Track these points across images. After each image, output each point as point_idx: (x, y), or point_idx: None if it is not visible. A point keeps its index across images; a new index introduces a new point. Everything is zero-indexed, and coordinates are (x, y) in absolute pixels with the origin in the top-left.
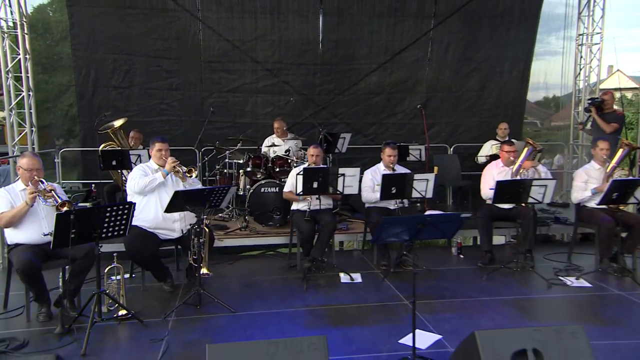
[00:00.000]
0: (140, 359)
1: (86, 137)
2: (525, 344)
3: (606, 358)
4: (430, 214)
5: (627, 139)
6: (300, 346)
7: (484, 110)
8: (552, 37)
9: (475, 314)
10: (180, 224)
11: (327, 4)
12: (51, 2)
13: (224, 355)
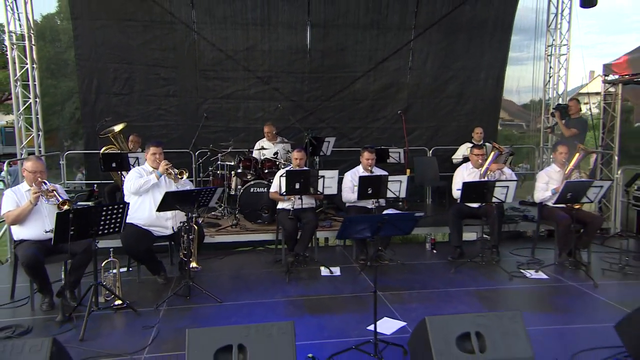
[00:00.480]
0: (132, 343)
1: (89, 141)
2: (469, 327)
3: (553, 341)
4: (387, 213)
5: (582, 144)
6: (270, 330)
7: (461, 115)
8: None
9: (441, 303)
10: (172, 222)
11: (314, 17)
12: (59, 11)
13: (202, 338)
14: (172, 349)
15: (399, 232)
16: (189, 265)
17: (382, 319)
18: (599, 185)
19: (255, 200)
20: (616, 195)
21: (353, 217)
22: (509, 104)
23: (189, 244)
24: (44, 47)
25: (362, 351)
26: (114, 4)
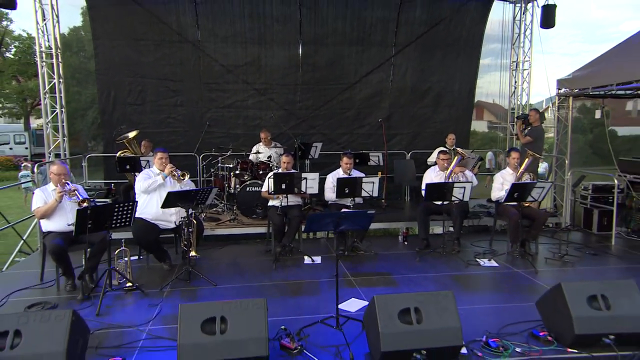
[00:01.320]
0: (139, 318)
1: (107, 145)
2: (409, 304)
3: (489, 316)
4: (344, 211)
5: (531, 151)
6: (247, 306)
7: (437, 122)
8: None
9: (402, 286)
10: (175, 217)
11: (305, 35)
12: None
13: (192, 311)
14: (171, 322)
15: (357, 226)
16: (189, 254)
17: (350, 300)
18: (541, 186)
19: (251, 198)
20: (566, 194)
21: (316, 214)
22: (497, 108)
23: (189, 235)
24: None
25: (327, 324)
26: (129, 26)
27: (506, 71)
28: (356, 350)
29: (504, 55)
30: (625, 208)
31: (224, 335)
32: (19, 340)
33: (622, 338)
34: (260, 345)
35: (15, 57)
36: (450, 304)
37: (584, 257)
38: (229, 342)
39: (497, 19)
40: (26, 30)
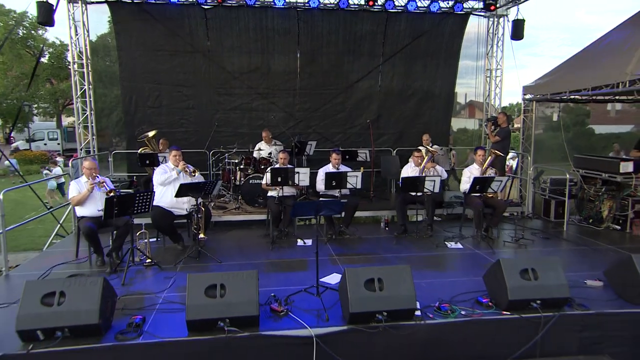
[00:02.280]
0: (156, 287)
1: (130, 142)
2: (373, 275)
3: (445, 288)
4: (321, 200)
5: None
6: (242, 276)
7: (420, 123)
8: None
9: (377, 264)
10: (187, 205)
11: (302, 47)
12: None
13: (197, 280)
14: (183, 291)
15: (332, 212)
16: (199, 236)
17: (332, 274)
18: (499, 179)
19: (253, 190)
20: (529, 186)
21: (299, 202)
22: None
23: (198, 221)
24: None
25: (309, 293)
26: (148, 39)
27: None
28: (332, 313)
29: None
30: (578, 199)
31: (223, 299)
32: (63, 299)
33: (546, 303)
34: (252, 306)
35: (49, 62)
36: (407, 276)
37: (537, 240)
38: (227, 304)
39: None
40: (59, 38)
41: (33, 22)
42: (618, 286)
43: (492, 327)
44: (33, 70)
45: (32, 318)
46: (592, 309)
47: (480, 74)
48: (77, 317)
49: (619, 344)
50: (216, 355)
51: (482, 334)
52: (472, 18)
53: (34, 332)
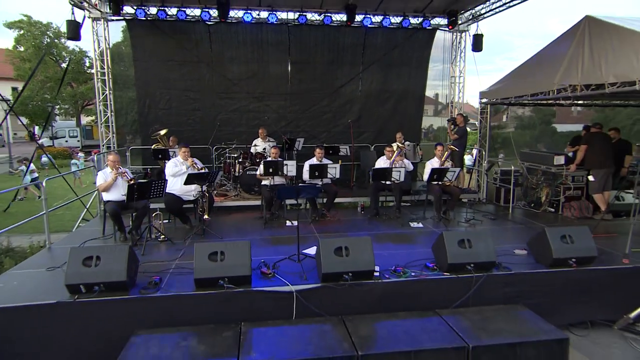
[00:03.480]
0: (169, 257)
1: (144, 139)
2: (341, 244)
3: (402, 257)
4: (300, 185)
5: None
6: (238, 245)
7: (395, 123)
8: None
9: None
10: (194, 192)
11: (293, 57)
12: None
13: (202, 248)
14: (190, 259)
15: (310, 195)
16: (203, 217)
17: (312, 247)
18: (453, 170)
19: (250, 180)
20: (483, 176)
21: (283, 187)
22: (467, 107)
23: (203, 204)
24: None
25: (292, 260)
26: (160, 51)
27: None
28: (309, 275)
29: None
30: (523, 187)
31: (223, 262)
32: (99, 262)
33: (478, 265)
34: (245, 268)
35: (70, 68)
36: (368, 245)
37: (486, 221)
38: (226, 266)
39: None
40: (78, 46)
41: (56, 32)
42: (536, 253)
43: (435, 285)
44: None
45: (76, 275)
46: (513, 270)
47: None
48: (109, 275)
49: (531, 296)
50: (217, 306)
51: (427, 290)
52: (439, 32)
53: (78, 286)
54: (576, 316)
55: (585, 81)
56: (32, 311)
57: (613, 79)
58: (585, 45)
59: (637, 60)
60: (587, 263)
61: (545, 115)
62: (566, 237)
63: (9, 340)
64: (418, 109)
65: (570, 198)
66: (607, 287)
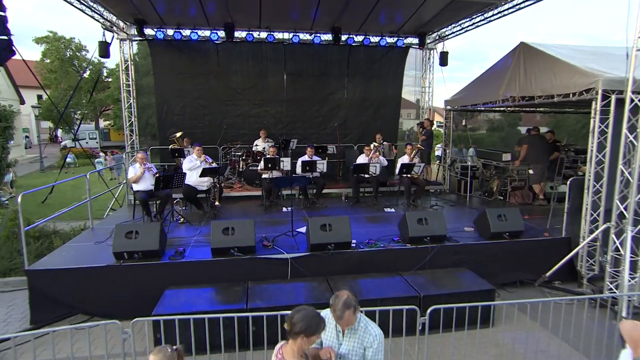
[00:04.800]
0: (189, 234)
1: (162, 140)
2: (326, 222)
3: (375, 233)
4: (294, 176)
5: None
6: (244, 223)
7: (375, 127)
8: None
9: None
10: (207, 183)
11: (288, 70)
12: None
13: (217, 225)
14: (206, 236)
15: (302, 184)
16: (215, 204)
17: (303, 227)
18: (419, 165)
19: (252, 174)
20: (446, 171)
21: (279, 177)
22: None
23: (214, 193)
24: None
25: (287, 235)
26: (176, 66)
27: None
28: (300, 246)
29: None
30: (480, 179)
31: (233, 236)
32: (137, 235)
33: (433, 238)
34: (250, 240)
35: (89, 77)
36: (347, 223)
37: (447, 207)
38: (235, 239)
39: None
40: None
41: (78, 46)
42: (479, 229)
43: (399, 253)
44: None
45: (120, 246)
46: (460, 242)
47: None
48: (146, 245)
49: (474, 262)
50: (229, 269)
51: (393, 257)
52: (411, 50)
53: (122, 254)
54: (509, 277)
55: (521, 93)
56: (89, 272)
57: (540, 93)
58: (521, 65)
59: (555, 80)
60: (517, 236)
61: (513, 119)
62: (501, 216)
63: (73, 291)
64: (395, 114)
65: (515, 188)
66: (531, 255)
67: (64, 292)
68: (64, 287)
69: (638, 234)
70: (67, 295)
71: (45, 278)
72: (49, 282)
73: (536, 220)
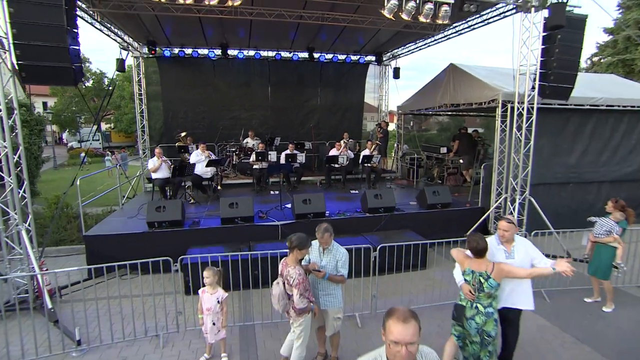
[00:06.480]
0: (199, 212)
1: (169, 139)
2: (306, 198)
3: (344, 207)
4: (281, 164)
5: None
6: (245, 200)
7: (342, 127)
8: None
9: None
10: (211, 172)
11: (272, 82)
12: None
13: (225, 201)
14: (212, 212)
15: (286, 169)
16: (217, 188)
17: (289, 203)
18: (376, 156)
19: (244, 165)
20: (399, 162)
21: (272, 165)
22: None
23: (216, 180)
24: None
25: (277, 209)
26: (180, 78)
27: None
28: (288, 216)
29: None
30: (424, 168)
31: (237, 209)
32: (165, 209)
33: (385, 209)
34: (249, 211)
35: (92, 86)
36: (322, 198)
37: (398, 188)
38: (239, 211)
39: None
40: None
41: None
42: (419, 201)
43: (361, 220)
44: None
45: (152, 217)
46: (406, 211)
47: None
48: (171, 216)
49: (414, 225)
50: (234, 234)
51: (357, 223)
52: (371, 65)
53: (154, 223)
54: (440, 236)
55: (451, 101)
56: (128, 237)
57: (463, 101)
58: (451, 80)
59: (473, 92)
60: (447, 206)
61: (458, 122)
62: (436, 192)
63: (117, 251)
64: (359, 117)
65: (450, 174)
66: (456, 220)
67: (111, 251)
68: (110, 247)
69: (523, 201)
70: (113, 253)
71: (98, 241)
72: (100, 244)
73: (463, 196)
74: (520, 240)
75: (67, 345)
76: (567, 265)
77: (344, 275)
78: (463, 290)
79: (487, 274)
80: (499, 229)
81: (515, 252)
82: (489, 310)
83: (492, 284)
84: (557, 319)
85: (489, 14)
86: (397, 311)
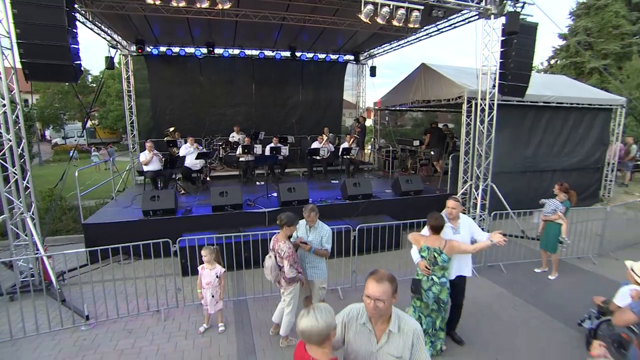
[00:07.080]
0: (190, 200)
1: (159, 135)
2: (291, 186)
3: (325, 195)
4: (266, 155)
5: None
6: (234, 189)
7: (324, 122)
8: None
9: None
10: (200, 164)
11: (256, 80)
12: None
13: (215, 190)
14: (202, 201)
15: (271, 161)
16: (206, 180)
17: (274, 192)
18: (355, 149)
19: (230, 158)
20: (376, 154)
21: (258, 157)
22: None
23: (205, 172)
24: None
25: (263, 198)
26: (167, 75)
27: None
28: (274, 203)
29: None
30: (399, 159)
31: (226, 197)
32: (159, 198)
33: (363, 196)
34: (238, 199)
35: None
36: (305, 187)
37: (375, 178)
38: (228, 199)
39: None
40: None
41: None
42: (394, 189)
43: (341, 206)
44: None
45: (147, 206)
46: (382, 198)
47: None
48: (165, 205)
49: (390, 211)
50: (224, 220)
51: (339, 208)
52: (349, 64)
53: (149, 211)
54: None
55: (423, 98)
56: (125, 224)
57: (433, 98)
58: (422, 79)
59: (442, 89)
60: (419, 193)
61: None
62: (409, 180)
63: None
64: (338, 113)
65: (422, 165)
66: (428, 205)
67: (109, 238)
68: (108, 234)
69: (485, 187)
70: (111, 240)
71: (97, 229)
72: (99, 232)
73: (433, 185)
74: (464, 218)
75: (77, 320)
76: (500, 237)
77: (328, 250)
78: (420, 267)
79: (440, 249)
80: (447, 207)
81: (461, 228)
82: (442, 280)
83: (444, 259)
84: (511, 287)
85: (455, 19)
86: (377, 272)
